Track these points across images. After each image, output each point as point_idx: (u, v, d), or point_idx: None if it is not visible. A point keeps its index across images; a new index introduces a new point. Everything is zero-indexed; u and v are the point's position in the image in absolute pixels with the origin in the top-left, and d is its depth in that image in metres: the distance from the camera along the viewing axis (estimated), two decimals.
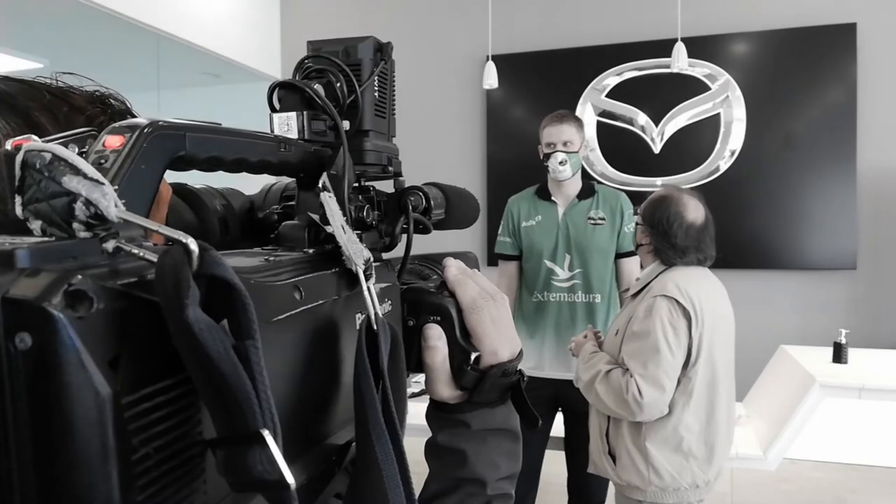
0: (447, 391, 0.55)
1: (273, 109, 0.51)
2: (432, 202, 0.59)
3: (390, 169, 0.58)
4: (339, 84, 0.52)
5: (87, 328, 0.24)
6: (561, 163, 2.59)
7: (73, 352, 0.24)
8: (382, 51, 0.55)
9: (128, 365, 0.26)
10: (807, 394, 2.80)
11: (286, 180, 0.59)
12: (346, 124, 0.51)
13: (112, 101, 0.52)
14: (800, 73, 4.30)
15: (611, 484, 2.16)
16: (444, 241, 0.64)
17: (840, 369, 3.10)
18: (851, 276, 4.27)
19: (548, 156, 2.62)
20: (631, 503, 2.03)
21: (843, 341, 3.18)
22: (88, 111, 0.49)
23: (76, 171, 0.29)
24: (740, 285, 4.14)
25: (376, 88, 0.55)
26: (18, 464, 0.24)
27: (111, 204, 0.29)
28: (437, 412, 0.57)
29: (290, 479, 0.28)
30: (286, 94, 0.51)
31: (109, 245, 0.29)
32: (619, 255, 2.67)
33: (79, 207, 0.28)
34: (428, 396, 0.58)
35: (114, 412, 0.25)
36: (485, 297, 0.56)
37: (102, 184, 0.29)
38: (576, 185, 2.68)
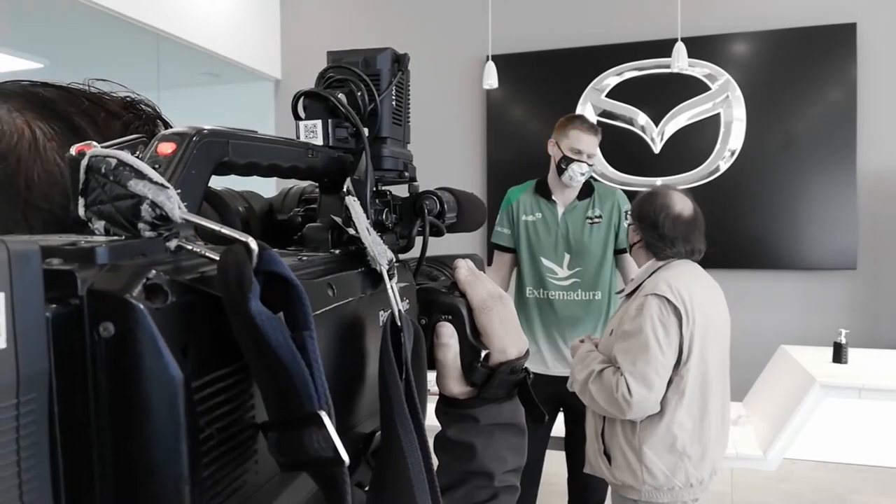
0: (457, 387, 0.58)
1: (297, 117, 0.53)
2: (446, 206, 0.61)
3: (406, 174, 0.60)
4: (359, 93, 0.54)
5: (163, 318, 0.26)
6: (582, 174, 2.62)
7: (152, 339, 0.26)
8: (400, 61, 0.58)
9: (195, 353, 0.28)
10: (807, 394, 2.80)
11: (303, 184, 0.61)
12: (365, 131, 0.54)
13: (143, 106, 0.54)
14: (800, 73, 4.30)
15: None
16: (449, 242, 0.65)
17: (840, 369, 3.10)
18: (851, 276, 4.27)
19: (569, 160, 2.61)
20: (627, 503, 2.04)
21: (843, 341, 3.19)
22: (124, 117, 0.52)
23: (141, 176, 0.31)
24: (740, 285, 4.14)
25: (394, 97, 0.57)
26: (98, 442, 0.26)
27: (175, 206, 0.31)
28: (447, 407, 0.59)
29: (344, 455, 0.30)
30: (311, 103, 0.53)
31: (172, 244, 0.31)
32: (619, 251, 2.69)
33: (145, 209, 0.31)
34: (434, 396, 0.60)
35: (185, 395, 0.27)
36: (494, 297, 0.59)
37: (167, 187, 0.31)
38: (578, 186, 2.70)
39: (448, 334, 0.57)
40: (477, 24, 4.73)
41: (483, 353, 0.58)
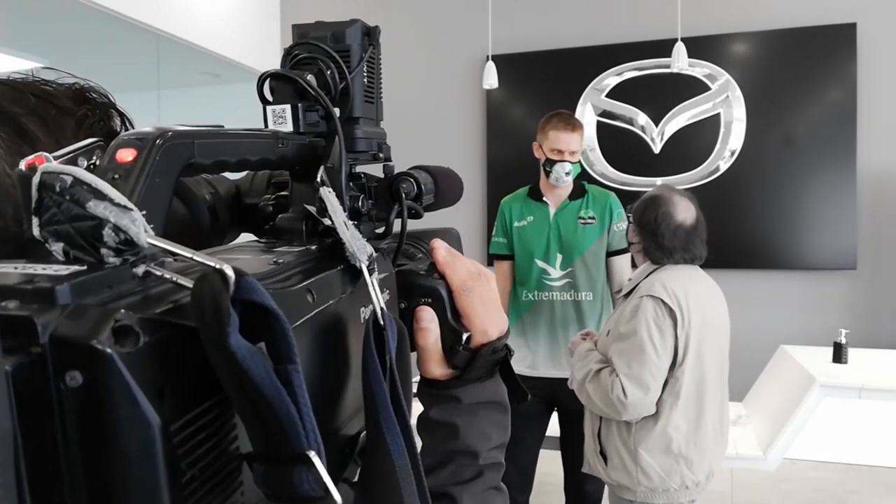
0: (439, 370, 0.57)
1: (264, 101, 0.50)
2: (423, 187, 0.59)
3: (381, 155, 0.57)
4: (329, 72, 0.51)
5: (135, 362, 0.24)
6: (567, 173, 2.62)
7: (124, 387, 0.24)
8: (370, 35, 0.55)
9: (172, 393, 0.26)
10: (807, 394, 2.80)
11: None
12: (336, 112, 0.51)
13: (93, 94, 0.50)
14: (800, 73, 4.30)
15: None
16: (444, 221, 0.64)
17: (840, 369, 3.10)
18: (851, 276, 4.26)
19: (552, 161, 2.62)
20: (623, 503, 2.04)
21: (843, 341, 3.19)
22: (77, 113, 0.48)
23: (101, 196, 0.28)
24: (740, 285, 4.14)
25: (365, 74, 0.54)
26: (73, 499, 0.24)
27: (141, 230, 0.28)
28: (428, 388, 0.58)
29: (338, 498, 0.29)
30: (278, 86, 0.50)
31: (140, 269, 0.29)
32: (610, 254, 2.69)
33: (107, 234, 0.28)
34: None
35: (163, 441, 0.25)
36: (474, 277, 0.57)
37: (130, 209, 0.28)
38: (568, 186, 2.70)
39: (428, 318, 0.55)
40: (477, 24, 4.73)
41: (464, 336, 0.56)
